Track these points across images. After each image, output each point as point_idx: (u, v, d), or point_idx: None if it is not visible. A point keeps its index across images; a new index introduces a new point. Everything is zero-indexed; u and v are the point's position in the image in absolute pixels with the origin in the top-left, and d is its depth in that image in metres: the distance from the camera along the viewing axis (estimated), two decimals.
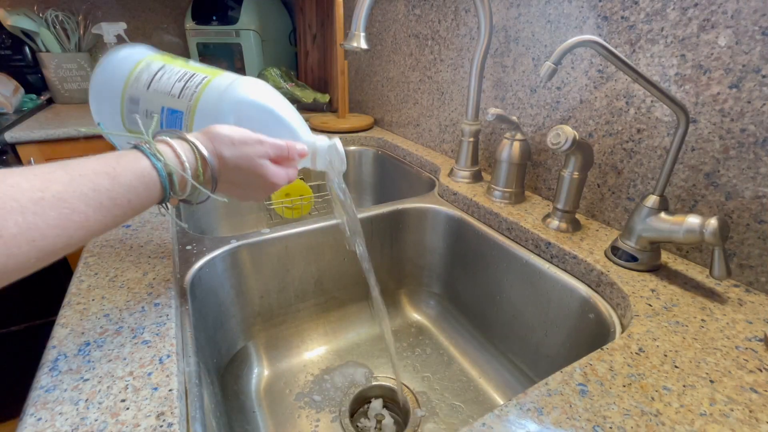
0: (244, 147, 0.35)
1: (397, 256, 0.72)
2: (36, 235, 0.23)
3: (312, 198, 0.93)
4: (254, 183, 0.37)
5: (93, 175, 0.27)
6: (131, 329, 0.35)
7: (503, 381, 0.60)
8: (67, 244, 0.25)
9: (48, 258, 0.25)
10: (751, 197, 0.42)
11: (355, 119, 1.07)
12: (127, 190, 0.28)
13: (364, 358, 0.65)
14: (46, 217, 0.24)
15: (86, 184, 0.26)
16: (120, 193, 0.28)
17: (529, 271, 0.54)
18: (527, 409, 0.29)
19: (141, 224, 0.52)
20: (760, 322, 0.38)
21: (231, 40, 1.33)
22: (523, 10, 0.61)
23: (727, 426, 0.28)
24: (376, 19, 1.00)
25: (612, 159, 0.54)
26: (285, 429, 0.54)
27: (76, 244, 0.26)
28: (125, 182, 0.28)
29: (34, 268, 0.25)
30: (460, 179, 0.71)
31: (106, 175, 0.27)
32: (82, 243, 0.27)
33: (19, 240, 0.23)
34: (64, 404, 0.28)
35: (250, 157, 0.35)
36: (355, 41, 0.54)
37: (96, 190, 0.26)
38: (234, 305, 0.59)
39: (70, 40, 1.25)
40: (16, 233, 0.22)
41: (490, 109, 0.57)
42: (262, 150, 0.36)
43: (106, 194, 0.27)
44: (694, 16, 0.43)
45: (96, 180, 0.26)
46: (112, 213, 0.27)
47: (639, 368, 0.33)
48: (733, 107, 0.41)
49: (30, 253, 0.23)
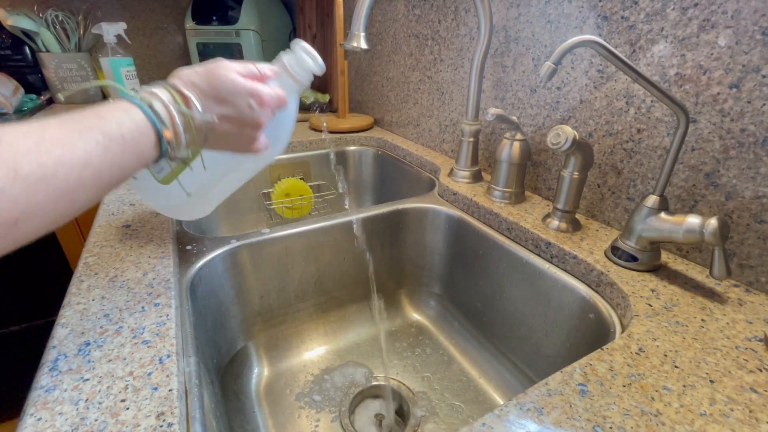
0: (208, 70, 0.36)
1: (397, 256, 0.72)
2: (47, 172, 0.24)
3: (312, 198, 0.93)
4: (237, 95, 0.36)
5: (80, 117, 0.28)
6: (131, 329, 0.35)
7: (503, 381, 0.60)
8: (80, 185, 0.27)
9: (66, 199, 0.26)
10: (751, 197, 0.42)
11: (355, 119, 1.07)
12: (117, 125, 0.29)
13: (364, 358, 0.65)
14: (51, 155, 0.25)
15: (75, 125, 0.27)
16: (111, 128, 0.29)
17: (529, 271, 0.54)
18: (527, 409, 0.29)
19: (141, 224, 0.52)
20: (760, 322, 0.38)
21: (231, 40, 1.33)
22: (523, 10, 0.61)
23: (727, 426, 0.28)
24: (376, 19, 1.00)
25: (612, 159, 0.54)
26: (285, 429, 0.54)
27: (90, 187, 0.27)
28: (110, 117, 0.29)
29: (54, 214, 0.26)
30: (460, 179, 0.71)
31: (94, 114, 0.29)
32: (95, 188, 0.28)
33: (34, 178, 0.24)
34: (64, 404, 0.28)
35: (217, 74, 0.35)
36: (355, 41, 0.54)
37: (88, 129, 0.28)
38: (234, 305, 0.59)
39: (70, 40, 1.24)
40: (29, 172, 0.24)
41: (490, 109, 0.57)
42: (227, 65, 0.36)
43: (97, 130, 0.28)
44: (694, 16, 0.43)
45: (84, 121, 0.28)
46: (110, 149, 0.28)
47: (639, 368, 0.33)
48: (733, 107, 0.41)
49: (47, 191, 0.25)
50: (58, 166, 0.25)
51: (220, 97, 0.35)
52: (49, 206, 0.25)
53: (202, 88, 0.35)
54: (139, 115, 0.31)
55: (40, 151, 0.24)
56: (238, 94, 0.36)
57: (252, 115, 0.37)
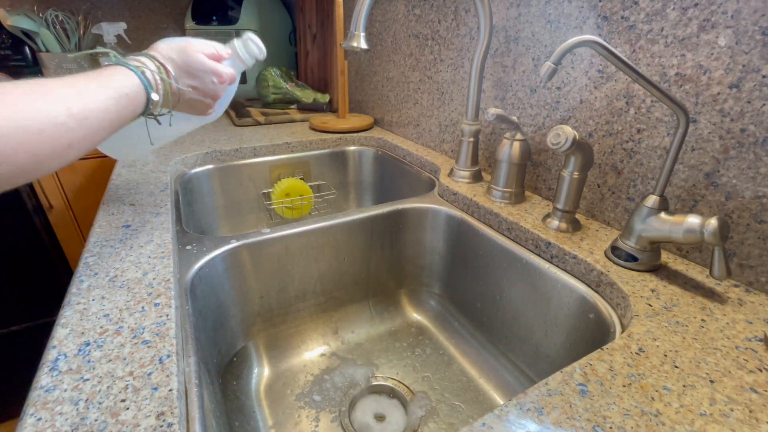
0: (182, 48, 0.46)
1: (397, 256, 0.72)
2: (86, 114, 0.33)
3: (312, 198, 0.93)
4: (203, 73, 0.47)
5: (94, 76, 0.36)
6: (131, 329, 0.35)
7: (503, 381, 0.60)
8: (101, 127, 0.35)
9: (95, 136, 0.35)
10: (751, 197, 0.42)
11: (355, 119, 1.07)
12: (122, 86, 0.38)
13: (364, 358, 0.65)
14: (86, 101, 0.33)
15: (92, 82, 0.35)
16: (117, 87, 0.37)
17: (529, 271, 0.54)
18: (527, 409, 0.29)
19: (141, 224, 0.52)
20: (760, 322, 0.38)
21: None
22: (523, 10, 0.61)
23: (727, 426, 0.28)
24: (376, 19, 1.00)
25: (612, 159, 0.54)
26: (285, 429, 0.54)
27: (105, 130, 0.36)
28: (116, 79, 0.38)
29: (86, 148, 0.35)
30: (460, 179, 0.71)
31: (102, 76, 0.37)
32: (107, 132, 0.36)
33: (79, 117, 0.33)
34: (64, 404, 0.28)
35: (190, 52, 0.46)
36: (355, 41, 0.54)
37: (103, 86, 0.36)
38: (234, 305, 0.59)
39: (70, 40, 1.25)
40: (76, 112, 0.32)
41: (490, 109, 0.57)
42: (198, 47, 0.47)
43: (110, 87, 0.36)
44: (694, 16, 0.43)
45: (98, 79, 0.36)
46: (120, 103, 0.37)
47: (639, 368, 0.33)
48: (733, 107, 0.41)
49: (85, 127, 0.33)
50: (92, 111, 0.34)
51: (190, 72, 0.46)
52: (87, 140, 0.34)
53: (178, 63, 0.45)
54: (135, 80, 0.39)
55: (79, 98, 0.33)
56: (205, 72, 0.47)
57: (213, 88, 0.49)
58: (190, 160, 0.81)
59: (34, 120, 0.29)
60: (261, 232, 0.57)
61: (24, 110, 0.29)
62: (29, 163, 0.30)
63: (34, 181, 1.08)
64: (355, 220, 0.64)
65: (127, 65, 0.40)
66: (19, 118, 0.29)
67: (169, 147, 0.84)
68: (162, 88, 0.42)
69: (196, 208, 0.81)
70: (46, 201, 1.11)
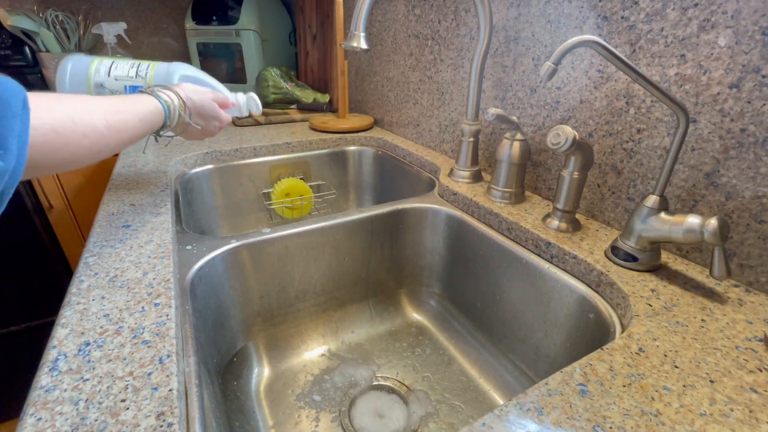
0: (202, 95, 0.58)
1: (397, 256, 0.72)
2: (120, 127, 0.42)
3: (312, 198, 0.93)
4: (211, 118, 0.60)
5: (131, 100, 0.46)
6: (131, 329, 0.35)
7: (503, 381, 0.60)
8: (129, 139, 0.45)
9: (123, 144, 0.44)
10: (751, 197, 0.42)
11: (355, 119, 1.07)
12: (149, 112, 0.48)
13: (364, 358, 0.65)
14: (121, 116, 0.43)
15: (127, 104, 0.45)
16: (145, 112, 0.47)
17: (529, 271, 0.54)
18: (527, 409, 0.29)
19: (141, 224, 0.52)
20: (760, 322, 0.38)
21: (231, 40, 1.33)
22: (523, 10, 0.61)
23: (727, 426, 0.28)
24: (376, 19, 1.00)
25: (612, 159, 0.54)
26: (285, 429, 0.54)
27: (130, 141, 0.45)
28: (146, 105, 0.48)
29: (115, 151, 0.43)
30: (460, 179, 0.71)
31: (135, 101, 0.47)
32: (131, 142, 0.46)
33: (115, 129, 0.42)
34: (64, 404, 0.28)
35: (207, 100, 0.58)
36: (355, 41, 0.54)
37: (134, 110, 0.45)
38: (234, 305, 0.59)
39: (70, 40, 1.25)
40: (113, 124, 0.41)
41: (490, 109, 0.57)
42: (212, 96, 0.60)
43: (140, 110, 0.46)
44: (694, 16, 0.43)
45: (132, 103, 0.46)
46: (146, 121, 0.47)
47: (639, 368, 0.33)
48: (733, 107, 0.41)
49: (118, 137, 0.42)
50: (126, 123, 0.43)
51: (202, 114, 0.58)
52: (118, 146, 0.43)
53: (195, 104, 0.57)
54: (160, 110, 0.50)
55: (116, 115, 0.42)
56: (213, 118, 0.60)
57: (213, 130, 0.62)
58: (190, 160, 0.81)
59: (85, 125, 0.37)
60: (261, 232, 0.57)
61: (80, 116, 0.37)
62: (70, 157, 0.37)
63: (34, 181, 1.08)
64: (355, 220, 0.64)
65: (159, 99, 0.50)
66: (75, 120, 0.36)
67: (169, 147, 0.84)
68: (177, 120, 0.54)
69: (196, 208, 0.81)
70: (46, 201, 1.11)
